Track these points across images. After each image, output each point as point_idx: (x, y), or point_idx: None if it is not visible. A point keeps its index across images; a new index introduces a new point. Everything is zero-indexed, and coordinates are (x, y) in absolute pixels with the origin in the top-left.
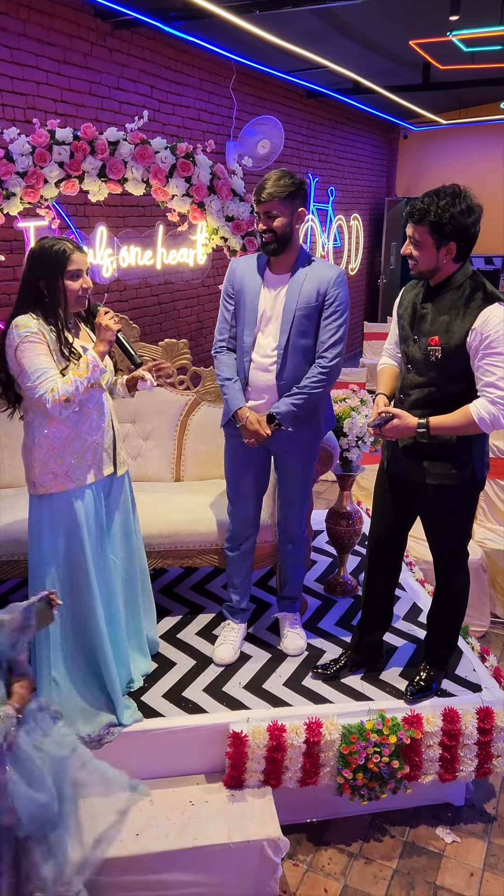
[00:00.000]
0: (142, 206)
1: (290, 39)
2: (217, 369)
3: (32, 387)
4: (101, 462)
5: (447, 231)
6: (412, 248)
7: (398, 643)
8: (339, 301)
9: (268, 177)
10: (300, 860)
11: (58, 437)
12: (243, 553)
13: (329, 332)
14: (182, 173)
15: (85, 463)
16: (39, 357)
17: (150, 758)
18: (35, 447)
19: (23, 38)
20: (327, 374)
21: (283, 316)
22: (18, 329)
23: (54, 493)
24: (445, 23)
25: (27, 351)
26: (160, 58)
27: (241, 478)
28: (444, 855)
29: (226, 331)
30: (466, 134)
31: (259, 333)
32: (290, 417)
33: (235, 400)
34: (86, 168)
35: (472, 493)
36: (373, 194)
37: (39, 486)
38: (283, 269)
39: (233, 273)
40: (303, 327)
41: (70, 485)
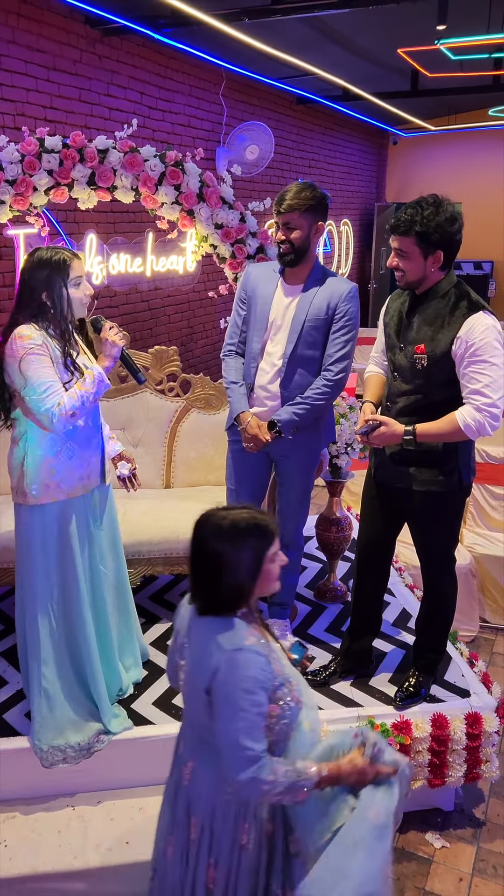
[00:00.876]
0: (132, 213)
1: (280, 47)
2: (224, 372)
3: (38, 399)
4: (91, 473)
5: (434, 240)
6: (398, 260)
7: (387, 649)
8: (349, 316)
9: (289, 188)
10: None
11: (51, 448)
12: None
13: (337, 346)
14: (171, 181)
15: (76, 474)
16: (45, 370)
17: (140, 765)
18: (28, 457)
19: (12, 44)
20: (332, 387)
21: (293, 326)
22: (22, 340)
23: (46, 504)
24: (433, 32)
25: (32, 363)
26: (150, 65)
27: (241, 482)
28: (434, 860)
29: (236, 335)
30: (455, 140)
31: (268, 341)
32: (291, 426)
33: (239, 404)
34: (75, 176)
35: (458, 498)
36: (363, 200)
37: (31, 497)
38: (297, 279)
39: (247, 278)
40: (311, 338)
41: (61, 496)
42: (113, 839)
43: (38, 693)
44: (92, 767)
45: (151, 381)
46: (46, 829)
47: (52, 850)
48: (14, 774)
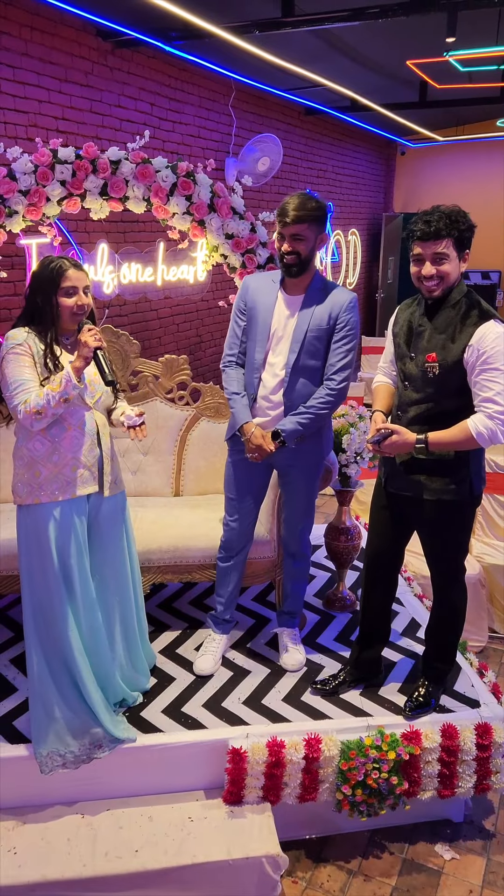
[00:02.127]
0: (142, 223)
1: (289, 59)
2: (225, 383)
3: (9, 397)
4: (80, 480)
5: (466, 238)
6: (438, 266)
7: (397, 658)
8: (350, 326)
9: (290, 199)
10: (299, 877)
11: (37, 449)
12: (234, 564)
13: (339, 356)
14: (182, 192)
15: (61, 478)
16: (21, 368)
17: (148, 774)
18: (17, 457)
19: (25, 57)
20: (335, 397)
21: (294, 336)
22: (8, 341)
23: (29, 505)
24: (442, 44)
25: (11, 362)
26: (160, 76)
27: (242, 492)
28: (444, 872)
29: (235, 346)
30: (463, 151)
31: (270, 352)
32: (295, 436)
33: (242, 415)
34: (87, 186)
35: (469, 508)
36: (370, 210)
37: (17, 497)
38: (298, 290)
39: (246, 290)
40: (313, 349)
41: (43, 498)
42: (122, 847)
43: (36, 698)
44: (100, 776)
45: (161, 389)
46: (55, 837)
47: (62, 858)
48: (23, 782)
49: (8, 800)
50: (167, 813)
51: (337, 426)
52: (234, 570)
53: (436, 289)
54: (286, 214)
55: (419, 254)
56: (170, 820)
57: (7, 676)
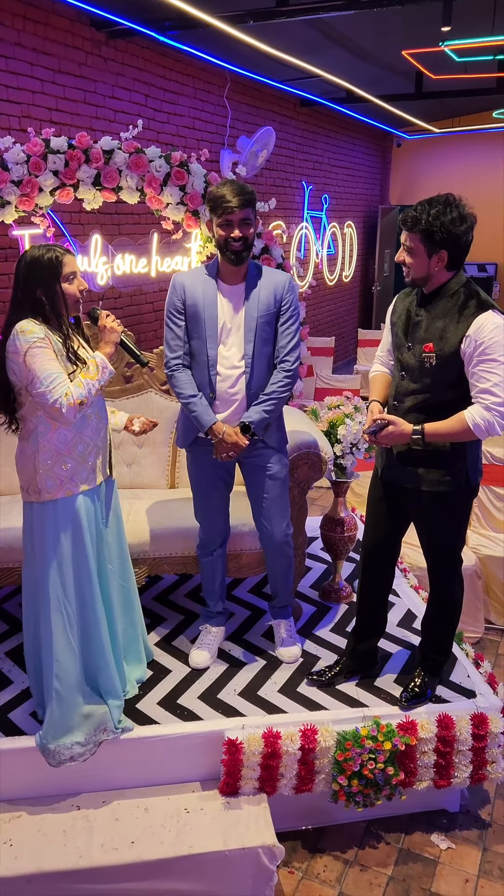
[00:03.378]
0: (136, 215)
1: (284, 49)
2: (177, 388)
3: (45, 392)
4: (100, 466)
5: (437, 239)
6: (405, 255)
7: (393, 650)
8: (293, 305)
9: (225, 188)
10: (295, 867)
11: (62, 441)
12: (215, 558)
13: (288, 337)
14: (176, 182)
15: (87, 467)
16: (50, 362)
17: (144, 766)
18: (40, 453)
19: (18, 47)
20: (292, 377)
21: (246, 325)
22: (25, 335)
23: (59, 499)
24: (438, 33)
25: (37, 357)
26: (155, 67)
27: (211, 492)
28: (440, 862)
29: (178, 347)
30: (459, 142)
31: (221, 346)
32: (264, 425)
33: (207, 415)
34: (80, 177)
35: (466, 499)
36: (366, 202)
37: (45, 493)
38: (237, 279)
39: (181, 289)
40: (265, 335)
41: (75, 489)
42: (118, 838)
43: (51, 694)
44: (97, 768)
45: (156, 381)
46: (51, 829)
47: (58, 850)
48: (19, 774)
49: (4, 792)
50: (163, 804)
51: (332, 417)
52: (216, 564)
53: (406, 276)
54: (229, 201)
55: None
56: (166, 811)
57: (2, 669)
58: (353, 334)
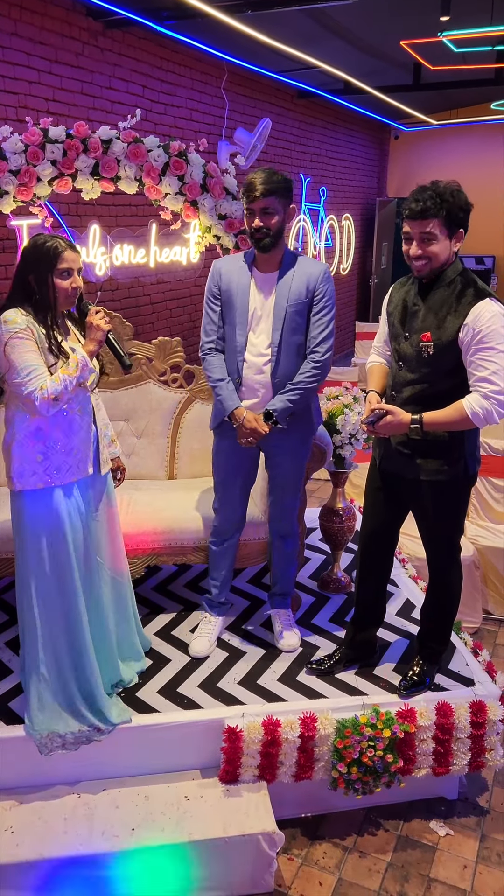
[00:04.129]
0: (134, 206)
1: (282, 39)
2: (208, 371)
3: (21, 383)
4: (81, 461)
5: (459, 218)
6: (424, 246)
7: (391, 639)
8: (327, 296)
9: (255, 175)
10: (295, 854)
11: (39, 433)
12: (227, 548)
13: (320, 328)
14: (175, 171)
15: (66, 461)
16: (29, 353)
17: (145, 753)
18: (14, 443)
19: (14, 37)
20: (321, 369)
21: (275, 313)
22: (7, 325)
23: (30, 490)
24: (436, 23)
25: (17, 347)
26: (152, 57)
27: (232, 478)
28: (438, 848)
29: (213, 332)
30: (457, 134)
31: (251, 332)
32: (287, 414)
33: (231, 400)
34: (79, 166)
35: (464, 488)
36: (364, 194)
37: (17, 482)
38: (271, 267)
39: (218, 274)
40: (294, 324)
41: (50, 481)
42: (119, 826)
43: (35, 679)
44: (96, 756)
45: (155, 371)
46: (52, 817)
47: (58, 837)
48: (19, 762)
49: (4, 780)
50: (163, 792)
51: (331, 408)
52: (227, 553)
53: (424, 269)
54: (254, 190)
55: (408, 232)
56: (166, 799)
57: (2, 658)
58: (350, 327)
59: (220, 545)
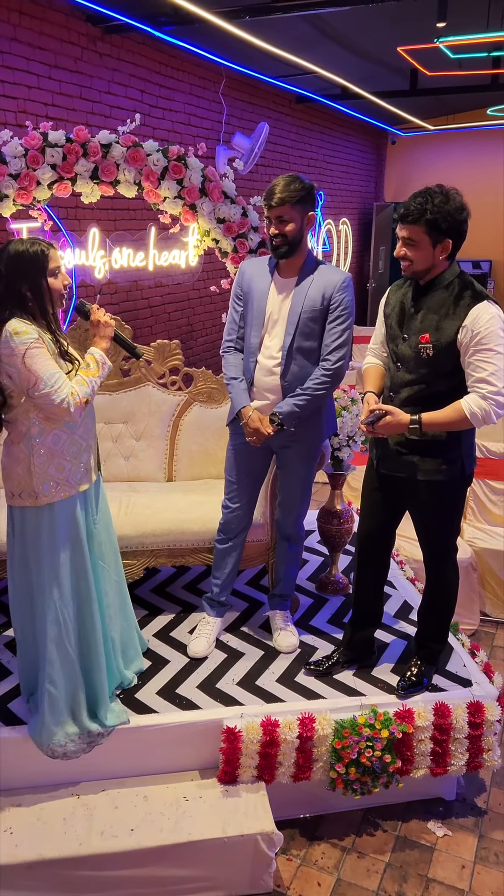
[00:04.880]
0: (132, 210)
1: (280, 45)
2: (224, 368)
3: (50, 392)
4: (93, 466)
5: (443, 228)
6: (407, 249)
7: (389, 640)
8: (344, 305)
9: (276, 182)
10: (294, 855)
11: (56, 443)
12: (232, 546)
13: (334, 336)
14: (174, 175)
15: (80, 468)
16: (49, 362)
17: (144, 754)
18: (34, 456)
19: (14, 42)
20: (331, 377)
21: (289, 318)
22: (20, 336)
23: (57, 502)
24: (433, 30)
25: (36, 357)
26: (150, 62)
27: (242, 476)
28: (436, 848)
29: (234, 331)
30: (454, 140)
31: (265, 335)
32: (293, 418)
33: (240, 399)
34: (78, 170)
35: (461, 488)
36: (361, 199)
37: (42, 496)
38: (291, 272)
39: (242, 275)
40: (308, 330)
41: (71, 491)
42: (118, 826)
43: (42, 694)
44: (95, 757)
45: (154, 374)
46: (51, 817)
47: (58, 837)
48: (19, 763)
49: (3, 781)
50: (162, 792)
51: None
52: (232, 552)
53: (407, 270)
54: (271, 198)
55: (397, 233)
56: (165, 799)
57: (2, 660)
58: None
59: (226, 543)
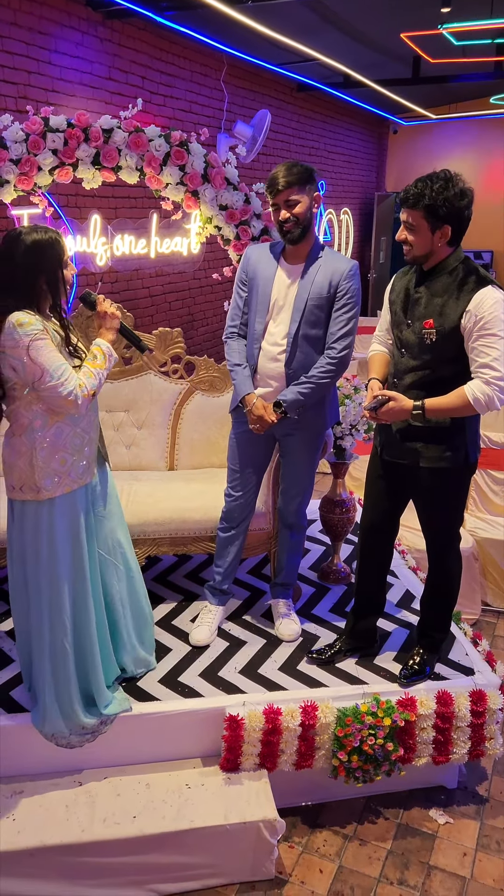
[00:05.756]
0: (133, 198)
1: (282, 31)
2: (227, 355)
3: (57, 385)
4: (95, 459)
5: (441, 214)
6: (407, 233)
7: (391, 628)
8: (350, 293)
9: (277, 170)
10: (295, 842)
11: (59, 436)
12: (235, 535)
13: (339, 324)
14: (176, 161)
15: (83, 460)
16: (54, 353)
17: (146, 742)
18: (36, 449)
19: (14, 26)
20: (336, 365)
21: (295, 305)
22: (24, 327)
23: (56, 497)
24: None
25: (42, 350)
26: (151, 49)
27: (245, 464)
28: (438, 836)
29: (237, 317)
30: (456, 129)
31: (270, 321)
32: (297, 406)
33: (243, 385)
34: (80, 156)
35: (465, 475)
36: (363, 189)
37: (44, 491)
38: (298, 259)
39: (247, 260)
40: (313, 317)
41: (74, 485)
42: (120, 813)
43: (44, 683)
44: (98, 745)
45: (155, 362)
46: (54, 804)
47: (60, 824)
48: (21, 751)
49: (6, 768)
50: (164, 780)
51: None
52: (235, 540)
53: (407, 254)
54: (276, 184)
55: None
56: (167, 787)
57: (3, 648)
58: None
59: (229, 531)
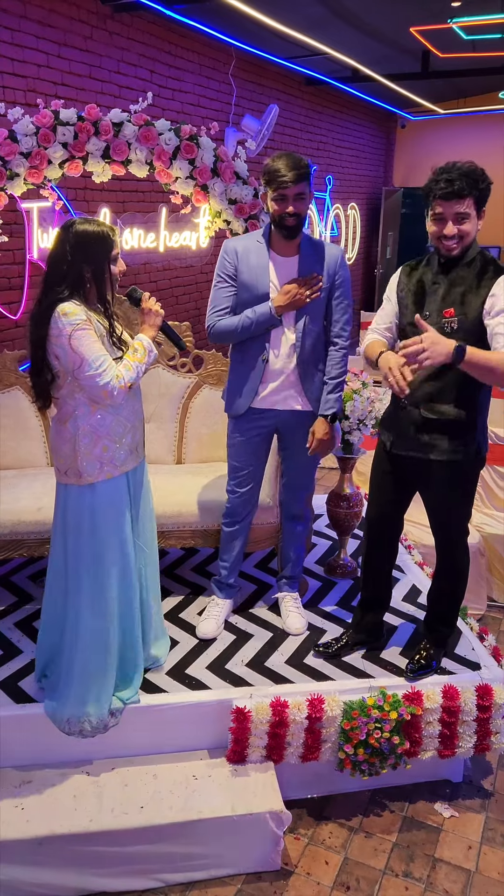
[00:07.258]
0: (141, 192)
1: (291, 24)
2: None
3: (95, 374)
4: (139, 446)
5: (486, 197)
6: (458, 226)
7: (398, 623)
8: (345, 279)
9: (279, 161)
10: (301, 834)
11: (101, 424)
12: (239, 530)
13: (341, 311)
14: (186, 155)
15: (125, 449)
16: (95, 344)
17: (153, 733)
18: (79, 436)
19: (23, 20)
20: (346, 353)
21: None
22: (68, 317)
23: (100, 482)
24: (446, 9)
25: (83, 339)
26: (160, 42)
27: (246, 461)
28: (443, 829)
29: (224, 312)
30: (464, 124)
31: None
32: (339, 408)
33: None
34: (90, 149)
35: (475, 469)
36: (370, 184)
37: (86, 476)
38: (290, 250)
39: (233, 254)
40: (317, 309)
41: (114, 472)
42: (128, 803)
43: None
44: (106, 736)
45: (163, 356)
46: (62, 794)
47: (68, 813)
48: (30, 741)
49: (15, 758)
50: (172, 771)
51: None
52: (239, 535)
53: (455, 247)
54: (284, 176)
55: (440, 213)
56: (174, 778)
57: (11, 639)
58: (355, 316)
59: (233, 526)
